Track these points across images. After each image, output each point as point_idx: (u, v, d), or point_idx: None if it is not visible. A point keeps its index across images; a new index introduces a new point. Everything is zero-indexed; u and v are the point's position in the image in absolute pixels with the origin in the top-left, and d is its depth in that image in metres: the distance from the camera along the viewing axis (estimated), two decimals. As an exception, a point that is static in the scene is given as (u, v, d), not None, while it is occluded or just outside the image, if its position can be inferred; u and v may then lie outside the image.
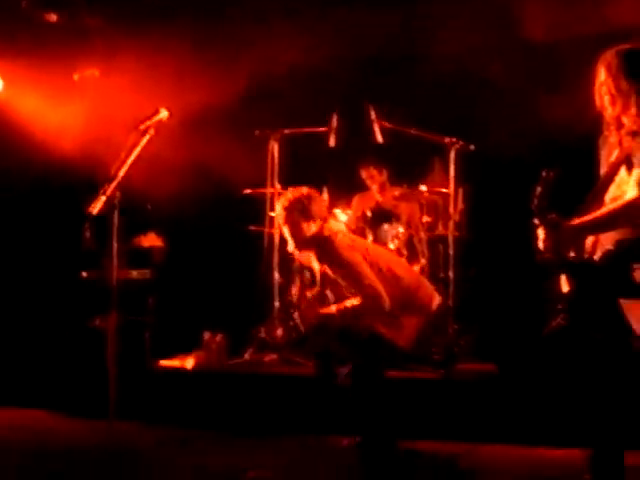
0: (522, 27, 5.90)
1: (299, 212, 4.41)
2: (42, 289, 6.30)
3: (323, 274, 4.60)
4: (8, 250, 6.42)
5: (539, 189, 3.21)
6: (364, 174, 6.35)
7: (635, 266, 3.09)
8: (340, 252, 4.33)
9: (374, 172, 6.30)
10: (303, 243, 4.46)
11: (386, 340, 4.26)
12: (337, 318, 4.34)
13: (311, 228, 4.42)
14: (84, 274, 5.78)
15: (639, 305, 3.09)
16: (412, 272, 4.83)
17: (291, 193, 4.51)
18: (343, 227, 5.44)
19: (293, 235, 4.44)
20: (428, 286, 4.62)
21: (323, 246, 4.39)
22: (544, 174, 3.23)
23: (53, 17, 6.39)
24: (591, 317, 3.19)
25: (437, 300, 4.52)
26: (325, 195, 5.83)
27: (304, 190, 4.54)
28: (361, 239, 5.05)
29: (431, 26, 6.02)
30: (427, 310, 4.41)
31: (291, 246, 4.49)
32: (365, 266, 4.30)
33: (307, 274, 5.71)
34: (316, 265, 4.58)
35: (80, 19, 6.46)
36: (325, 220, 4.54)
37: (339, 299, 4.52)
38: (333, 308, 4.45)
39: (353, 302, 4.31)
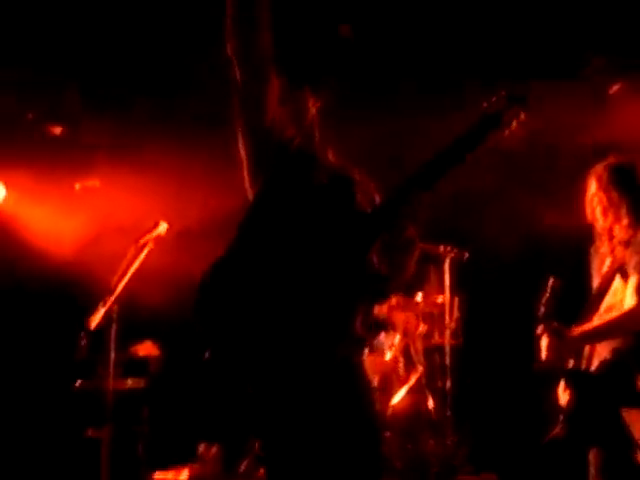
0: (514, 136, 6.06)
1: None
2: (36, 398, 6.23)
3: None
4: (2, 357, 6.37)
5: (545, 297, 3.24)
6: None
7: (637, 375, 3.10)
8: None
9: None
10: None
11: None
12: None
13: None
14: (78, 383, 5.72)
15: (642, 415, 3.09)
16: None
17: None
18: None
19: None
20: None
21: None
22: (551, 282, 3.27)
23: (57, 130, 6.56)
24: (591, 428, 3.17)
25: None
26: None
27: None
28: None
29: (423, 132, 6.18)
30: None
31: None
32: None
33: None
34: None
35: (83, 132, 6.63)
36: None
37: None
38: None
39: None
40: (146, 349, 6.07)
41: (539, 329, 3.21)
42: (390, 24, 5.49)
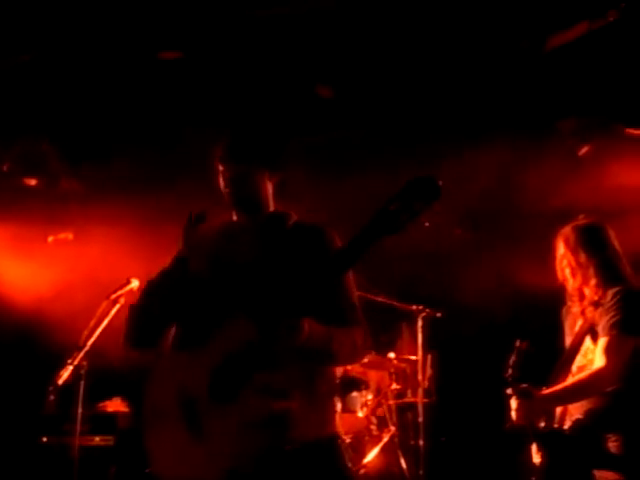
0: (483, 195, 6.16)
1: None
2: (1, 452, 6.08)
3: None
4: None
5: (513, 359, 3.25)
6: None
7: (608, 436, 3.10)
8: None
9: None
10: None
11: None
12: None
13: None
14: (44, 439, 5.61)
15: (613, 476, 3.07)
16: None
17: None
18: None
19: None
20: None
21: None
22: (518, 344, 3.28)
23: (32, 181, 6.55)
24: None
25: None
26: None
27: None
28: None
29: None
30: None
31: None
32: None
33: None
34: None
35: (58, 184, 6.62)
36: None
37: None
38: None
39: None
40: (115, 405, 5.98)
41: (508, 391, 3.21)
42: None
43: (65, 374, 3.48)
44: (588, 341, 3.27)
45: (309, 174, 5.68)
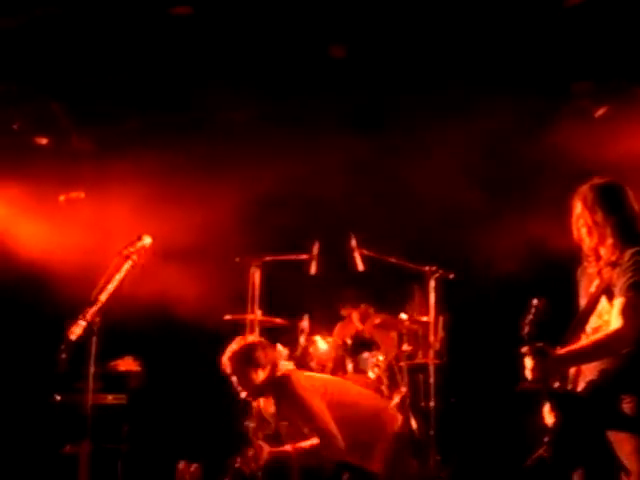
0: (499, 156, 6.11)
1: (245, 362, 4.50)
2: (14, 411, 6.14)
3: (280, 414, 4.69)
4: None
5: (529, 317, 3.21)
6: (344, 312, 6.34)
7: (622, 397, 3.08)
8: (295, 391, 4.42)
9: (352, 311, 6.27)
10: (255, 391, 4.56)
11: (357, 467, 4.28)
12: (293, 457, 4.39)
13: (259, 376, 4.51)
14: (58, 397, 5.65)
15: (627, 438, 3.06)
16: (372, 397, 4.94)
17: (235, 344, 4.60)
18: (291, 366, 5.36)
19: (243, 385, 4.51)
20: (389, 408, 4.78)
21: (278, 387, 4.49)
22: (535, 302, 3.25)
23: (43, 140, 6.53)
24: (577, 450, 3.14)
25: (399, 421, 4.65)
26: (306, 323, 5.81)
27: (248, 339, 4.73)
28: (318, 375, 5.10)
29: (409, 156, 6.20)
30: (390, 432, 4.52)
31: (243, 394, 4.56)
32: (321, 405, 4.38)
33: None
34: (272, 408, 4.70)
35: (69, 142, 6.60)
36: (275, 364, 4.63)
37: (295, 439, 4.54)
38: (288, 447, 4.48)
39: (312, 442, 4.35)
40: (127, 364, 6.02)
41: (523, 349, 3.17)
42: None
43: (77, 330, 3.47)
44: (604, 302, 3.24)
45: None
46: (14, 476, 5.48)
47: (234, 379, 4.54)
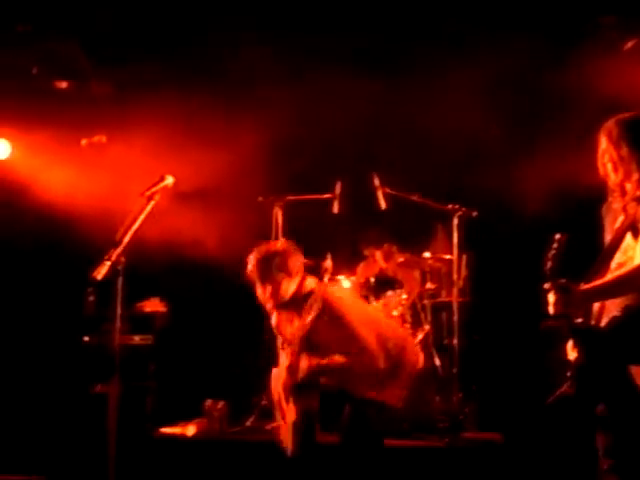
0: (523, 92, 6.02)
1: (276, 268, 4.08)
2: (43, 353, 6.26)
3: (310, 331, 4.06)
4: (8, 313, 6.39)
5: (552, 252, 3.19)
6: (367, 251, 6.33)
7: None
8: (332, 304, 4.02)
9: (375, 250, 6.22)
10: (282, 302, 4.14)
11: (377, 403, 4.03)
12: (341, 367, 3.96)
13: (290, 286, 4.10)
14: (86, 339, 5.75)
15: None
16: (398, 330, 4.58)
17: (263, 247, 4.20)
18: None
19: (271, 294, 4.08)
20: (413, 344, 4.52)
21: (309, 299, 4.03)
22: (557, 237, 3.22)
23: (63, 84, 6.51)
24: (600, 385, 3.15)
25: (422, 357, 4.42)
26: (329, 262, 5.82)
27: (279, 244, 4.36)
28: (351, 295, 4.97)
29: (432, 96, 6.12)
30: (413, 368, 4.24)
31: (268, 305, 4.16)
32: (360, 319, 4.06)
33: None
34: (293, 324, 4.19)
35: (88, 86, 6.57)
36: (303, 276, 4.20)
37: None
38: (321, 361, 4.01)
39: (340, 359, 3.96)
40: (153, 305, 6.09)
41: (546, 285, 3.16)
42: None
43: (103, 270, 3.50)
44: (629, 237, 3.21)
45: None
46: (47, 417, 5.60)
47: (259, 289, 4.12)
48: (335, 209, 6.01)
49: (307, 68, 6.06)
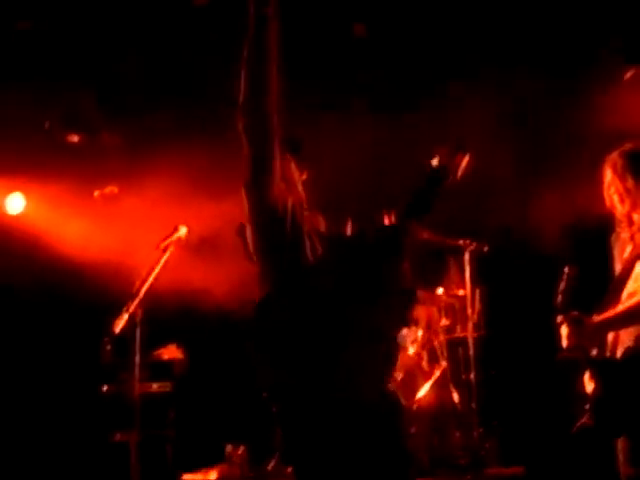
0: (529, 127, 6.07)
1: None
2: (63, 403, 6.28)
3: None
4: (30, 363, 6.43)
5: (562, 286, 3.22)
6: None
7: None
8: None
9: None
10: None
11: None
12: None
13: None
14: (104, 388, 5.77)
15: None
16: None
17: None
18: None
19: None
20: None
21: None
22: (567, 270, 3.26)
23: (75, 138, 6.61)
24: (618, 416, 3.15)
25: None
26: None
27: None
28: None
29: (441, 132, 6.17)
30: None
31: None
32: None
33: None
34: None
35: (100, 138, 6.67)
36: None
37: None
38: None
39: None
40: (170, 352, 6.10)
41: (558, 318, 3.19)
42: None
43: (121, 323, 3.56)
44: (638, 267, 3.24)
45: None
46: (67, 466, 5.61)
47: None
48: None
49: (313, 112, 6.14)
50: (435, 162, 2.87)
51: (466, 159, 2.82)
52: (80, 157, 6.53)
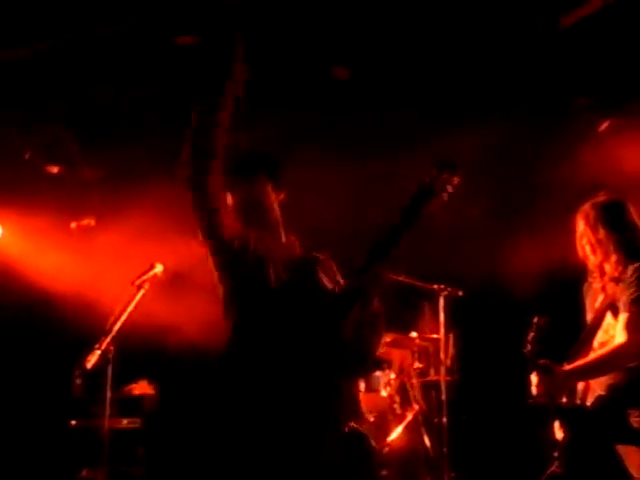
0: (504, 174, 6.15)
1: None
2: (31, 436, 6.19)
3: None
4: (-1, 394, 6.35)
5: (531, 335, 3.27)
6: None
7: (630, 412, 3.11)
8: None
9: None
10: None
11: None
12: None
13: None
14: (73, 422, 5.70)
15: (636, 451, 3.09)
16: None
17: None
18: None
19: None
20: None
21: None
22: (536, 320, 3.30)
23: (54, 169, 6.61)
24: (587, 464, 3.17)
25: None
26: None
27: None
28: None
29: (413, 177, 6.23)
30: None
31: None
32: None
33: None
34: None
35: (79, 171, 6.67)
36: None
37: None
38: None
39: None
40: (141, 388, 6.06)
41: (529, 366, 3.23)
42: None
43: (93, 359, 3.54)
44: (609, 317, 3.29)
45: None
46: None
47: None
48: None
49: (295, 152, 6.19)
50: (424, 180, 2.89)
51: (456, 179, 2.80)
52: (59, 189, 6.53)
